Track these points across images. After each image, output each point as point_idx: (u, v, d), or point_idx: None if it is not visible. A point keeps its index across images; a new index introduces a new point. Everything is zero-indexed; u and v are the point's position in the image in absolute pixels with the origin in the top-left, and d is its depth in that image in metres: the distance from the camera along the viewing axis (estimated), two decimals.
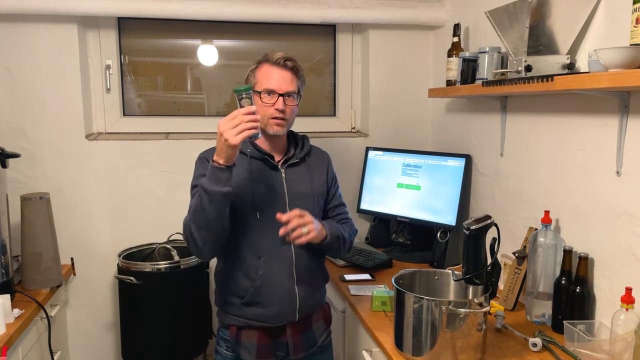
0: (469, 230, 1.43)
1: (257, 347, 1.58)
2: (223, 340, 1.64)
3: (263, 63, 1.58)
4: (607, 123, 1.54)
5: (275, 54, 1.57)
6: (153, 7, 2.26)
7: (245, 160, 1.57)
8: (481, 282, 1.47)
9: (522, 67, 1.56)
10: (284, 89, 1.54)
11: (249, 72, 1.61)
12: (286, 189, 1.59)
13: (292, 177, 1.61)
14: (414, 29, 2.63)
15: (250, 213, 1.54)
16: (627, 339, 1.32)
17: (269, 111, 1.54)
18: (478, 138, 2.24)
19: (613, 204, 1.53)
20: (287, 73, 1.55)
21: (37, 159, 2.34)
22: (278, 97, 1.53)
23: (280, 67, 1.55)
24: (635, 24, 1.26)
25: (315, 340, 1.67)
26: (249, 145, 1.59)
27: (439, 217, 2.26)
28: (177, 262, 2.20)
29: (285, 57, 1.56)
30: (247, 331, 1.58)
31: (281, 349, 1.61)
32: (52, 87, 2.31)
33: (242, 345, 1.59)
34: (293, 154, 1.64)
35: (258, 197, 1.55)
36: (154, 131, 2.58)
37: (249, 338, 1.58)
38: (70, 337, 2.46)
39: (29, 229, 2.06)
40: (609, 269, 1.55)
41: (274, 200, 1.56)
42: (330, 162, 1.75)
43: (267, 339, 1.59)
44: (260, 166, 1.58)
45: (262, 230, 1.55)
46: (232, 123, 1.36)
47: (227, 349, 1.63)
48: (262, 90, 1.54)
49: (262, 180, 1.57)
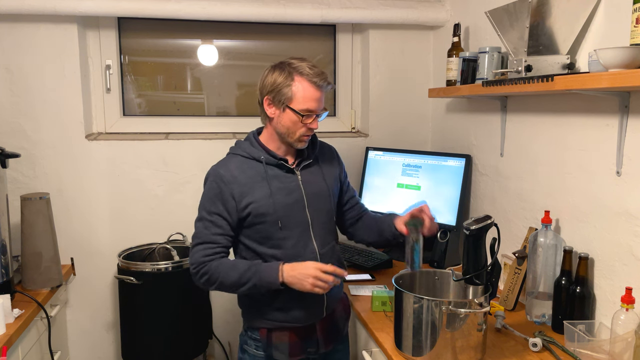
0: (469, 230, 1.43)
1: (289, 347, 1.60)
2: (252, 340, 1.64)
3: (299, 77, 1.51)
4: (607, 123, 1.54)
5: (310, 67, 1.52)
6: (153, 7, 2.26)
7: (261, 167, 1.56)
8: (481, 282, 1.47)
9: (522, 67, 1.56)
10: (321, 108, 1.56)
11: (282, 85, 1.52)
12: (304, 192, 1.60)
13: (307, 178, 1.62)
14: (414, 29, 2.63)
15: (272, 223, 1.55)
16: (627, 339, 1.32)
17: (302, 130, 1.55)
18: (478, 138, 2.24)
19: (613, 204, 1.53)
20: (323, 92, 1.55)
21: (37, 159, 2.34)
22: (315, 117, 1.55)
23: (318, 88, 1.53)
24: (635, 24, 1.26)
25: (340, 331, 1.73)
26: (263, 151, 1.58)
27: (439, 217, 2.25)
28: (177, 262, 2.20)
29: (324, 77, 1.53)
30: (278, 332, 1.60)
31: (312, 345, 1.64)
32: (52, 87, 2.31)
33: (274, 346, 1.61)
34: (306, 155, 1.65)
35: (278, 206, 1.55)
36: (154, 131, 2.58)
37: (280, 339, 1.60)
38: (70, 337, 2.46)
39: (29, 229, 2.06)
40: (609, 269, 1.54)
41: (293, 206, 1.57)
42: (337, 153, 1.78)
43: (298, 338, 1.61)
44: (276, 172, 1.58)
45: (285, 237, 1.56)
46: (323, 278, 1.46)
47: (256, 349, 1.63)
48: (301, 110, 1.52)
49: (279, 187, 1.56)
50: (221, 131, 2.63)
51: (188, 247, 2.36)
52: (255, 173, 1.55)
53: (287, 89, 1.52)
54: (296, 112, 1.52)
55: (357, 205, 1.80)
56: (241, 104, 2.73)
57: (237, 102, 2.73)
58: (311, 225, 1.60)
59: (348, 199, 1.78)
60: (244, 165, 1.56)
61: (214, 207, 1.53)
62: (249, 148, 1.60)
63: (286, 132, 1.56)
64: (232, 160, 1.59)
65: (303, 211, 1.59)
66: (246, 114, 2.72)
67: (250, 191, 1.53)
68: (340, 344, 1.76)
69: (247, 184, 1.54)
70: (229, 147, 1.67)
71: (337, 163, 1.75)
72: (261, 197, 1.54)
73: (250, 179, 1.54)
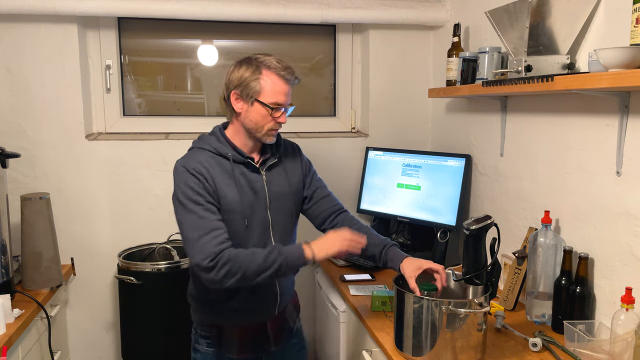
0: (469, 230, 1.43)
1: (239, 344, 1.61)
2: (203, 337, 1.63)
3: (266, 71, 1.51)
4: (607, 123, 1.54)
5: (276, 61, 1.52)
6: (153, 7, 2.26)
7: (228, 164, 1.54)
8: (481, 282, 1.47)
9: (522, 67, 1.56)
10: (289, 102, 1.55)
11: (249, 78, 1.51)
12: (267, 192, 1.59)
13: (270, 178, 1.61)
14: (414, 29, 2.63)
15: (239, 221, 1.53)
16: (627, 339, 1.32)
17: (271, 124, 1.53)
18: (478, 138, 2.24)
19: (613, 204, 1.53)
20: (290, 87, 1.55)
21: (37, 159, 2.34)
22: (283, 111, 1.54)
23: (286, 81, 1.52)
24: (635, 24, 1.26)
25: (291, 328, 1.74)
26: (230, 148, 1.56)
27: (439, 217, 2.26)
28: (177, 262, 2.20)
29: (291, 71, 1.53)
30: (229, 329, 1.60)
31: (262, 342, 1.65)
32: (52, 87, 2.31)
33: (224, 343, 1.60)
34: (270, 154, 1.62)
35: (245, 204, 1.54)
36: (154, 131, 2.58)
37: (231, 336, 1.60)
38: (70, 337, 2.46)
39: (29, 229, 2.06)
40: (609, 269, 1.55)
41: (257, 205, 1.56)
42: (301, 151, 1.74)
43: (249, 335, 1.62)
44: (242, 170, 1.56)
45: (248, 235, 1.55)
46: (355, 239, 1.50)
47: (207, 346, 1.63)
48: (271, 104, 1.51)
49: (246, 185, 1.55)
50: None
51: None
52: (223, 170, 1.52)
53: (255, 83, 1.50)
54: (265, 105, 1.50)
55: (326, 200, 1.72)
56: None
57: None
58: (271, 226, 1.59)
59: (312, 194, 1.71)
60: (211, 160, 1.53)
61: (201, 196, 1.47)
62: (216, 143, 1.56)
63: (254, 127, 1.53)
64: (199, 155, 1.54)
65: (265, 211, 1.58)
66: None
67: (219, 187, 1.50)
68: (294, 338, 1.76)
69: (215, 179, 1.50)
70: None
71: (300, 160, 1.71)
72: (230, 194, 1.51)
73: (219, 175, 1.51)
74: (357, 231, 1.61)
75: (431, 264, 1.53)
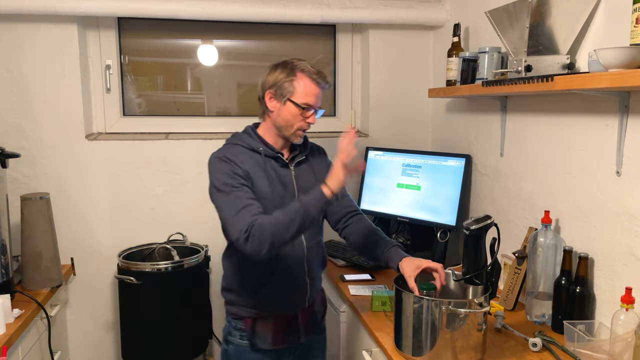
0: (469, 230, 1.43)
1: (272, 336, 1.66)
2: (237, 330, 1.68)
3: (301, 74, 1.59)
4: (607, 123, 1.54)
5: (311, 67, 1.62)
6: (153, 7, 2.26)
7: (260, 158, 1.62)
8: (481, 282, 1.47)
9: (522, 67, 1.56)
10: (319, 105, 1.63)
11: (283, 80, 1.59)
12: (295, 187, 1.66)
13: (299, 174, 1.69)
14: (414, 29, 2.63)
15: (269, 210, 1.56)
16: (627, 339, 1.32)
17: (301, 124, 1.62)
18: (478, 138, 2.24)
19: (613, 204, 1.53)
20: (321, 90, 1.64)
21: (37, 159, 2.34)
22: (313, 112, 1.62)
23: (318, 85, 1.62)
24: (635, 24, 1.26)
25: (319, 322, 1.80)
26: (261, 143, 1.65)
27: (439, 217, 2.26)
28: (177, 262, 2.20)
29: (323, 74, 1.63)
30: (262, 321, 1.66)
31: (293, 335, 1.70)
32: (52, 87, 2.31)
33: (258, 335, 1.66)
34: (299, 152, 1.72)
35: (275, 195, 1.61)
36: (154, 131, 2.58)
37: (264, 328, 1.66)
38: (70, 337, 2.46)
39: (29, 229, 2.06)
40: (609, 269, 1.54)
41: (286, 197, 1.63)
42: (326, 155, 1.83)
43: (281, 327, 1.68)
44: (272, 164, 1.65)
45: None
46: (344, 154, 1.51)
47: (241, 338, 1.68)
48: (302, 104, 1.59)
49: (276, 178, 1.63)
50: (221, 131, 2.63)
51: (188, 247, 2.37)
52: (255, 163, 1.61)
53: (289, 84, 1.60)
54: (297, 105, 1.59)
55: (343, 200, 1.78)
56: (241, 104, 2.73)
57: (237, 102, 2.73)
58: None
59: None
60: (243, 154, 1.62)
61: (235, 179, 1.54)
62: (248, 139, 1.66)
63: (284, 125, 1.62)
64: (231, 149, 1.63)
65: None
66: (246, 114, 2.72)
67: (251, 177, 1.59)
68: (320, 334, 1.83)
69: (248, 171, 1.59)
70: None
71: (325, 161, 1.80)
72: (261, 185, 1.59)
73: (251, 167, 1.60)
74: (367, 233, 1.72)
75: (430, 262, 1.55)
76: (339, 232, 1.81)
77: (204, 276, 2.33)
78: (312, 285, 1.70)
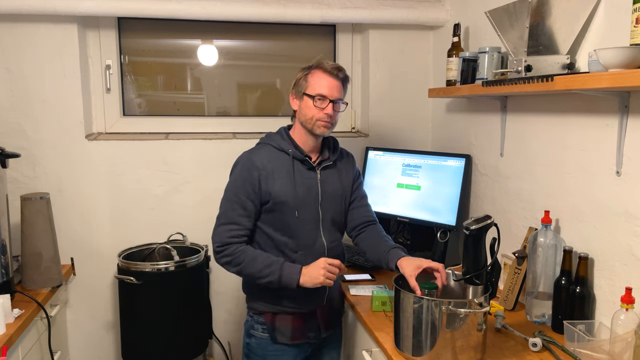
0: (469, 230, 1.43)
1: (291, 331, 1.72)
2: (259, 324, 1.74)
3: (315, 69, 1.67)
4: (607, 123, 1.54)
5: (328, 62, 1.68)
6: (153, 7, 2.26)
7: (288, 159, 1.68)
8: (481, 282, 1.47)
9: (522, 67, 1.56)
10: (335, 96, 1.66)
11: (301, 77, 1.69)
12: (320, 190, 1.71)
13: (325, 178, 1.74)
14: (414, 29, 2.63)
15: (290, 212, 1.66)
16: (627, 339, 1.32)
17: (319, 115, 1.65)
18: (478, 138, 2.24)
19: (613, 204, 1.53)
20: (338, 82, 1.68)
21: (37, 159, 2.34)
22: (329, 102, 1.65)
23: (333, 76, 1.66)
24: (635, 24, 1.26)
25: (339, 317, 1.88)
26: (291, 145, 1.70)
27: (439, 217, 2.26)
28: (177, 262, 2.20)
29: (338, 67, 1.68)
30: (282, 317, 1.72)
31: (312, 330, 1.75)
32: (52, 87, 2.31)
33: (278, 329, 1.72)
34: (328, 157, 1.77)
35: (298, 197, 1.67)
36: (154, 131, 2.58)
37: (283, 323, 1.72)
38: (70, 337, 2.46)
39: (29, 229, 2.06)
40: (609, 269, 1.55)
41: (309, 200, 1.69)
42: (355, 161, 1.89)
43: (301, 323, 1.73)
44: (299, 167, 1.70)
45: (299, 227, 1.68)
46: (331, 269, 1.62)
47: (263, 332, 1.73)
48: (315, 94, 1.65)
49: (301, 181, 1.69)
50: (221, 131, 2.63)
51: (188, 247, 2.37)
52: (282, 164, 1.68)
53: (304, 80, 1.69)
54: (310, 97, 1.65)
55: (362, 209, 1.83)
56: (241, 104, 2.73)
57: (237, 102, 2.73)
58: (321, 221, 1.72)
59: (352, 200, 1.84)
60: (273, 154, 1.69)
61: (243, 190, 1.64)
62: (280, 140, 1.72)
63: (305, 120, 1.68)
64: (262, 149, 1.72)
65: (316, 207, 1.70)
66: (246, 114, 2.72)
67: (275, 179, 1.65)
68: (337, 329, 1.89)
69: (274, 172, 1.66)
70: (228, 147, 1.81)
71: (352, 168, 1.86)
72: (284, 186, 1.65)
73: (277, 168, 1.67)
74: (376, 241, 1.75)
75: (430, 262, 1.56)
76: (353, 238, 1.86)
77: (204, 276, 2.33)
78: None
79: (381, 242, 1.74)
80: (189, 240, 2.43)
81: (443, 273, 1.55)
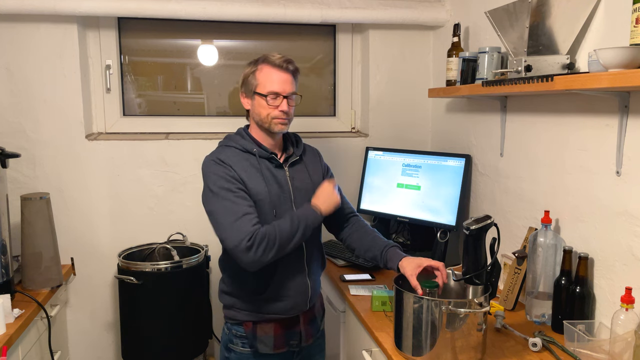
0: (469, 230, 1.44)
1: (273, 339, 1.65)
2: (237, 337, 1.66)
3: (262, 64, 1.60)
4: (607, 123, 1.54)
5: (274, 55, 1.60)
6: (153, 7, 2.26)
7: (254, 159, 1.62)
8: (481, 282, 1.47)
9: (522, 67, 1.56)
10: (288, 91, 1.60)
11: (249, 74, 1.63)
12: (291, 187, 1.65)
13: (293, 174, 1.68)
14: (414, 29, 2.63)
15: (268, 212, 1.59)
16: (627, 339, 1.32)
17: (274, 113, 1.60)
18: (478, 138, 2.24)
19: (613, 204, 1.53)
20: (289, 75, 1.60)
21: (37, 159, 2.34)
22: (282, 99, 1.59)
23: (283, 70, 1.59)
24: (635, 24, 1.26)
25: (319, 326, 1.80)
26: (255, 145, 1.64)
27: (439, 217, 2.26)
28: (177, 262, 2.20)
29: (287, 60, 1.60)
30: (263, 325, 1.65)
31: (294, 338, 1.69)
32: (52, 87, 2.31)
33: (259, 339, 1.64)
34: (293, 152, 1.71)
35: (273, 195, 1.60)
36: (154, 131, 2.58)
37: (265, 331, 1.65)
38: (70, 337, 2.46)
39: (29, 229, 2.06)
40: (609, 269, 1.55)
41: (283, 197, 1.63)
42: (321, 156, 1.83)
43: (283, 330, 1.66)
44: (267, 165, 1.64)
45: None
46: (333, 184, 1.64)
47: (243, 346, 1.66)
48: (266, 93, 1.58)
49: (272, 178, 1.62)
50: (221, 131, 2.62)
51: (188, 247, 2.37)
52: (249, 164, 1.60)
53: (252, 77, 1.61)
54: (261, 95, 1.58)
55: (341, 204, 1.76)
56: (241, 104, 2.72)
57: (237, 102, 2.71)
58: None
59: None
60: (238, 155, 1.61)
61: (232, 184, 1.54)
62: (242, 141, 1.64)
63: (260, 119, 1.61)
64: (225, 151, 1.62)
65: (290, 204, 1.64)
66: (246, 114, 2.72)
67: (247, 179, 1.57)
68: (320, 339, 1.82)
69: (244, 172, 1.58)
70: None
71: (320, 163, 1.80)
72: (258, 186, 1.58)
73: (246, 168, 1.59)
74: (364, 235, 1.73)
75: (431, 261, 1.55)
76: (336, 234, 1.82)
77: (204, 276, 2.33)
78: (312, 287, 1.70)
79: (372, 239, 1.72)
80: (189, 240, 2.43)
81: (443, 271, 1.55)
